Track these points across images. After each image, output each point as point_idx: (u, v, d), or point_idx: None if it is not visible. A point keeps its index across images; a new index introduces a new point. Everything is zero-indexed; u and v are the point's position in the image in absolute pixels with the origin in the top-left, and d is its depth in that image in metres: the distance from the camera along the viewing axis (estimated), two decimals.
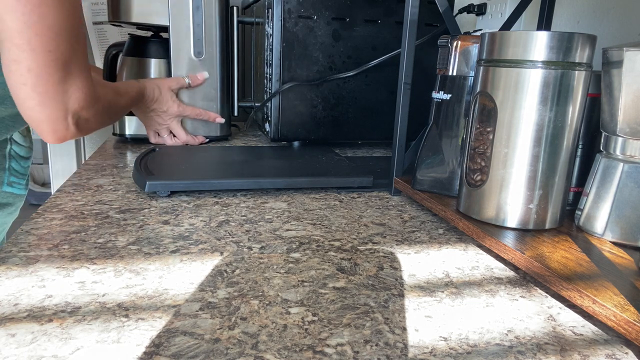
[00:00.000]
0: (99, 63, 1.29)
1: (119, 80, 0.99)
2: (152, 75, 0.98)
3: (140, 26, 0.99)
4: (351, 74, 0.95)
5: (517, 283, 0.46)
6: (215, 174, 0.70)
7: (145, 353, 0.33)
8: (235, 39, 1.02)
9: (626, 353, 0.36)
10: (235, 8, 1.01)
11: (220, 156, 0.84)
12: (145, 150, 0.82)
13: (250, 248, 0.50)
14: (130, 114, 0.95)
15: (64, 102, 0.59)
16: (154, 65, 0.98)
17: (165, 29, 0.96)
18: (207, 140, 1.01)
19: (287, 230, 0.56)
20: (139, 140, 1.00)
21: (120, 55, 0.99)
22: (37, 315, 0.36)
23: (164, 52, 0.98)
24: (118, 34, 1.29)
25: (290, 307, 0.39)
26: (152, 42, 0.99)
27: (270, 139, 0.97)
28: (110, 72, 1.01)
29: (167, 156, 0.81)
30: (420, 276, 0.46)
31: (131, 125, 0.99)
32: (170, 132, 0.96)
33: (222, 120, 1.01)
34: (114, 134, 1.01)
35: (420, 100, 0.80)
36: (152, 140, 0.96)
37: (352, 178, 0.72)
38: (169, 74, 0.97)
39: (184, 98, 0.97)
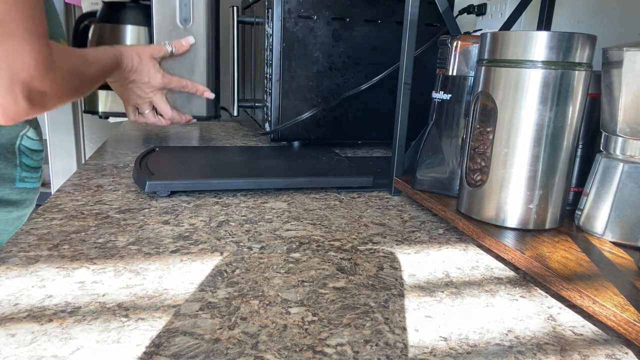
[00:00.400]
0: None
1: None
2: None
3: None
4: (364, 87, 0.91)
5: (517, 283, 0.46)
6: (216, 174, 0.70)
7: (145, 353, 0.33)
8: (235, 38, 1.02)
9: (626, 353, 0.36)
10: (235, 8, 1.01)
11: (220, 156, 0.84)
12: (145, 150, 0.82)
13: (250, 248, 0.50)
14: (105, 87, 0.85)
15: (5, 68, 0.50)
16: (132, 33, 0.88)
17: None
18: (194, 119, 0.92)
19: (287, 230, 0.56)
20: (113, 118, 0.91)
21: (93, 24, 0.89)
22: (37, 315, 0.36)
23: (144, 18, 0.87)
24: None
25: (290, 307, 0.39)
26: (130, 7, 0.88)
27: (270, 139, 0.97)
28: (79, 46, 0.91)
29: (167, 156, 0.81)
30: (420, 276, 0.46)
31: (105, 100, 0.89)
32: (153, 108, 0.86)
33: (212, 95, 0.91)
34: (84, 111, 0.89)
35: (420, 100, 0.80)
36: (132, 118, 0.87)
37: (352, 178, 0.72)
38: (150, 43, 0.86)
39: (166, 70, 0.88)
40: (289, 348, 0.34)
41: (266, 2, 0.93)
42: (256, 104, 1.07)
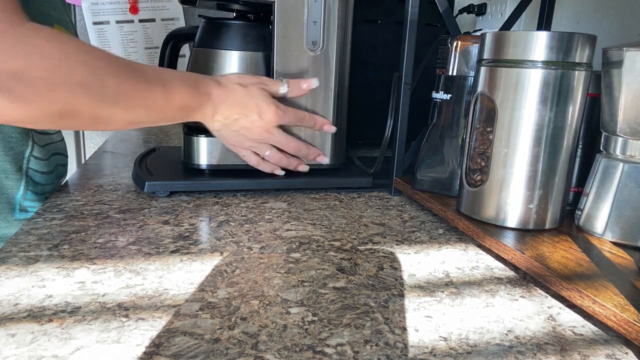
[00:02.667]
0: None
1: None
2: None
3: (224, 5, 0.74)
4: None
5: (517, 283, 0.46)
6: (215, 174, 0.70)
7: (145, 353, 0.33)
8: None
9: (626, 353, 0.36)
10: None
11: None
12: (145, 150, 0.82)
13: (250, 248, 0.50)
14: (201, 130, 0.65)
15: None
16: (243, 61, 0.69)
17: (262, 7, 0.71)
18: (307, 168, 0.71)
19: (287, 230, 0.56)
20: (224, 172, 0.70)
21: (192, 47, 0.73)
22: (37, 315, 0.36)
23: (258, 41, 0.69)
24: (118, 34, 1.29)
25: (290, 307, 0.39)
26: (239, 26, 0.70)
27: None
28: (169, 67, 0.78)
29: (167, 156, 0.81)
30: (420, 276, 0.46)
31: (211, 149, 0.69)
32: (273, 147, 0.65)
33: (333, 129, 0.69)
34: (183, 161, 0.71)
35: (420, 100, 0.80)
36: (253, 162, 0.66)
37: (352, 178, 0.72)
38: (266, 73, 0.69)
39: None
40: (289, 348, 0.34)
41: None
42: None
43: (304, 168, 0.69)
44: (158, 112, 0.53)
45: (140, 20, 1.29)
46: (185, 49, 1.37)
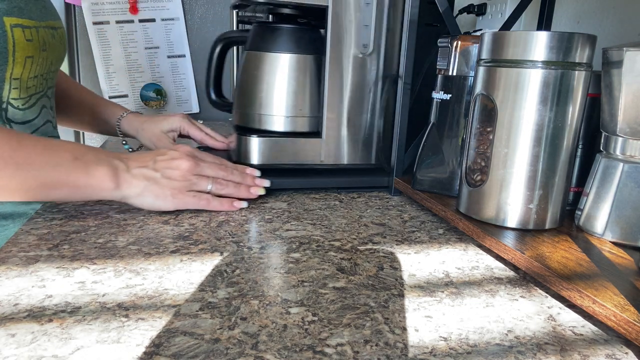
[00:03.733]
0: (99, 63, 1.29)
1: (244, 84, 0.73)
2: (291, 76, 0.71)
3: (275, 8, 0.75)
4: None
5: (517, 283, 0.46)
6: (267, 173, 0.69)
7: (145, 353, 0.33)
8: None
9: (626, 353, 0.36)
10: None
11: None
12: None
13: (250, 248, 0.50)
14: None
15: None
16: (294, 63, 0.71)
17: (315, 11, 0.71)
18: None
19: (287, 230, 0.56)
20: (276, 171, 0.71)
21: (243, 51, 0.75)
22: (37, 315, 0.36)
23: (309, 44, 0.72)
24: (118, 34, 1.29)
25: (290, 307, 0.39)
26: (291, 30, 0.72)
27: None
28: (217, 70, 0.79)
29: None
30: (420, 276, 0.46)
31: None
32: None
33: (259, 191, 0.65)
34: (235, 161, 0.72)
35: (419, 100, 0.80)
36: (206, 205, 0.60)
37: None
38: (317, 76, 0.71)
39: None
40: (289, 348, 0.34)
41: None
42: None
43: (255, 192, 0.65)
44: (37, 178, 0.51)
45: (140, 20, 1.29)
46: (186, 49, 1.36)
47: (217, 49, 0.77)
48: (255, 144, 0.71)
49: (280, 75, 0.71)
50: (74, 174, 0.52)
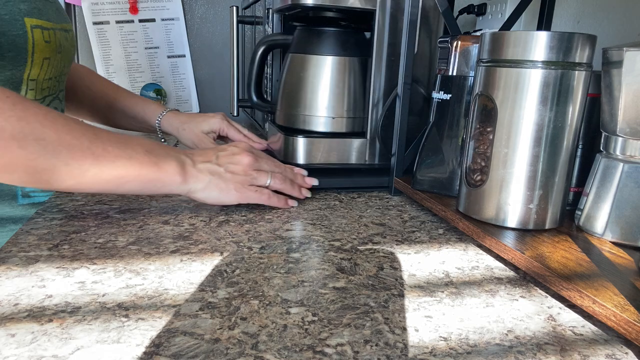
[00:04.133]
0: (99, 63, 1.29)
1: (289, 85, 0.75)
2: (336, 78, 0.73)
3: (319, 13, 0.76)
4: None
5: (517, 283, 0.46)
6: (313, 173, 0.71)
7: (145, 353, 0.33)
8: (235, 38, 1.01)
9: (626, 353, 0.36)
10: (235, 8, 1.01)
11: None
12: None
13: (250, 248, 0.50)
14: None
15: None
16: (340, 66, 0.73)
17: (361, 15, 0.72)
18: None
19: (287, 230, 0.56)
20: (322, 170, 0.72)
21: (287, 54, 0.78)
22: (37, 315, 0.36)
23: (354, 47, 0.74)
24: (118, 34, 1.29)
25: (290, 307, 0.39)
26: (336, 33, 0.74)
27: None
28: (259, 72, 0.80)
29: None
30: (420, 276, 0.46)
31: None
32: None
33: (314, 182, 0.69)
34: (282, 161, 0.73)
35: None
36: (266, 201, 0.62)
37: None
38: (361, 77, 0.73)
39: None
40: (289, 348, 0.34)
41: (265, 2, 0.92)
42: None
43: (305, 194, 0.67)
44: (112, 169, 0.50)
45: (140, 20, 1.29)
46: (186, 49, 1.36)
47: (260, 52, 0.79)
48: (301, 144, 0.73)
49: (325, 77, 0.74)
50: (146, 167, 0.53)
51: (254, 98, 0.82)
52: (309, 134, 0.74)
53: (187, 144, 0.83)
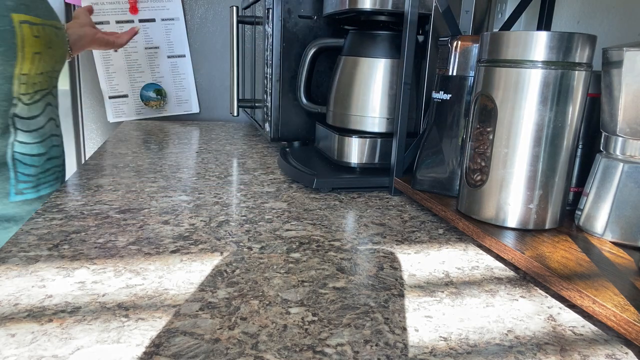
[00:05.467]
0: (99, 63, 1.29)
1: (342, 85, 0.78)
2: (387, 80, 0.76)
3: (371, 17, 0.79)
4: None
5: (517, 283, 0.46)
6: (364, 172, 0.73)
7: (145, 353, 0.33)
8: (235, 38, 1.02)
9: (626, 353, 0.36)
10: (235, 8, 1.01)
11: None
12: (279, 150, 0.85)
13: (250, 248, 0.50)
14: None
15: None
16: (390, 67, 0.75)
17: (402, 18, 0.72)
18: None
19: (287, 230, 0.56)
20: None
21: (339, 57, 0.81)
22: (37, 315, 0.36)
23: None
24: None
25: (290, 307, 0.39)
26: (387, 36, 0.77)
27: (270, 139, 0.97)
28: (308, 77, 0.85)
29: (307, 155, 0.84)
30: (420, 276, 0.46)
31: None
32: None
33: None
34: (335, 160, 0.79)
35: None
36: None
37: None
38: (416, 79, 0.76)
39: None
40: (289, 348, 0.34)
41: (266, 2, 0.93)
42: (256, 104, 1.07)
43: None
44: None
45: (140, 20, 1.29)
46: (186, 49, 1.36)
47: (310, 54, 0.83)
48: (356, 144, 0.76)
49: (378, 79, 0.76)
50: None
51: (304, 100, 0.86)
52: (361, 134, 0.76)
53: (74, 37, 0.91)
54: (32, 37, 0.67)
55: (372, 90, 0.76)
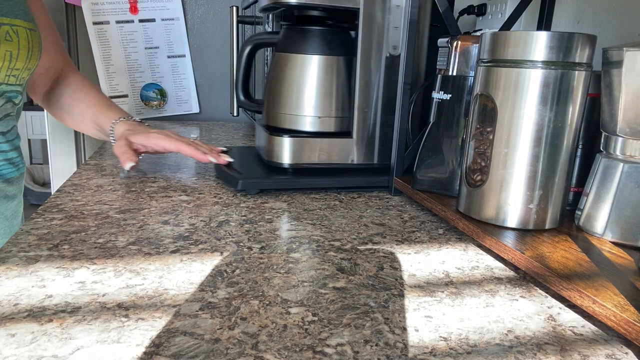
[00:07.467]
0: (99, 63, 1.29)
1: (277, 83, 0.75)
2: (322, 77, 0.73)
3: (304, 10, 0.76)
4: None
5: (517, 283, 0.46)
6: (297, 173, 0.72)
7: (145, 353, 0.33)
8: (235, 38, 1.01)
9: (626, 353, 0.36)
10: (235, 8, 1.01)
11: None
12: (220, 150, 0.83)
13: (250, 248, 0.50)
14: None
15: None
16: (325, 65, 0.72)
17: (346, 14, 0.72)
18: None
19: (287, 230, 0.56)
20: (305, 170, 0.74)
21: (274, 53, 0.77)
22: (37, 315, 0.36)
23: (339, 46, 0.73)
24: (118, 34, 1.29)
25: (290, 307, 0.39)
26: (321, 32, 0.73)
27: None
28: (246, 71, 0.80)
29: (243, 156, 0.82)
30: (420, 276, 0.46)
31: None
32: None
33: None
34: (266, 160, 0.76)
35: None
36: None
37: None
38: (346, 77, 0.73)
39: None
40: (289, 348, 0.34)
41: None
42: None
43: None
44: None
45: (140, 20, 1.29)
46: (186, 49, 1.36)
47: (246, 51, 0.79)
48: (287, 144, 0.72)
49: (311, 77, 0.73)
50: None
51: (242, 97, 0.82)
52: (294, 133, 0.73)
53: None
54: None
55: (305, 88, 0.73)
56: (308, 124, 0.74)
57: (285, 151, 0.72)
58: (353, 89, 0.72)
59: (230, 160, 0.76)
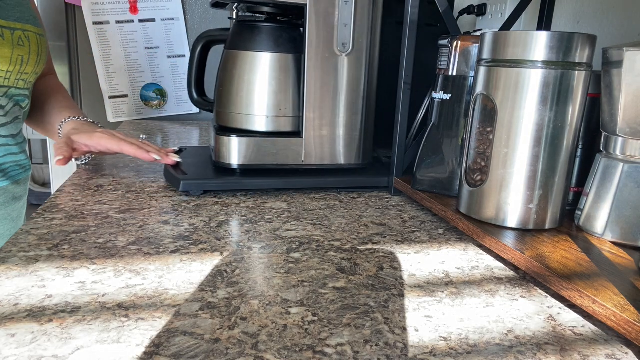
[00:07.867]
0: (99, 63, 1.29)
1: (228, 81, 0.72)
2: (271, 75, 0.71)
3: (253, 7, 0.75)
4: None
5: (517, 283, 0.46)
6: (246, 174, 0.70)
7: (145, 353, 0.33)
8: None
9: (626, 353, 0.36)
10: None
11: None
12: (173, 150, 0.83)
13: (250, 248, 0.50)
14: None
15: None
16: (274, 62, 0.70)
17: (294, 10, 0.71)
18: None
19: (287, 230, 0.56)
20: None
21: (224, 50, 0.75)
22: (37, 315, 0.36)
23: (289, 43, 0.72)
24: (118, 34, 1.29)
25: (290, 307, 0.39)
26: (271, 28, 0.71)
27: None
28: (199, 69, 0.79)
29: (196, 156, 0.80)
30: (420, 276, 0.46)
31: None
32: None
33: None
34: (214, 161, 0.74)
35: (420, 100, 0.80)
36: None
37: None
38: (297, 75, 0.71)
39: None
40: (289, 348, 0.34)
41: None
42: None
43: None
44: None
45: (140, 20, 1.29)
46: (186, 49, 1.36)
47: (198, 48, 0.77)
48: (235, 144, 0.70)
49: (261, 75, 0.70)
50: None
51: (195, 96, 0.80)
52: (244, 133, 0.71)
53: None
54: None
55: (254, 87, 0.70)
56: (258, 124, 0.71)
57: (233, 151, 0.70)
58: (302, 87, 0.70)
59: (179, 160, 0.74)
